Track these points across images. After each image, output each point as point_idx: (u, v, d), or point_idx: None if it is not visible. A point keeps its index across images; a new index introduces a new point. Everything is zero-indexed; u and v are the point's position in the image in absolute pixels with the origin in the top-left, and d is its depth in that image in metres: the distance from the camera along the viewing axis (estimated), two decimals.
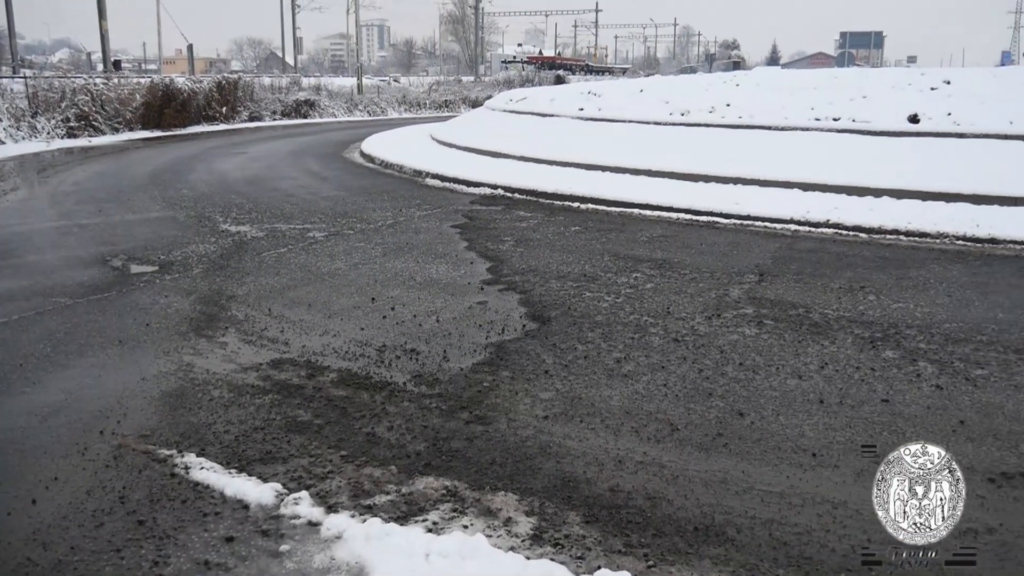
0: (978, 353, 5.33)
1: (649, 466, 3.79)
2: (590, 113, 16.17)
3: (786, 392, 4.67)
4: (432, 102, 39.59)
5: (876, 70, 20.95)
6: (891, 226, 9.34)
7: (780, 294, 6.76)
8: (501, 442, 4.01)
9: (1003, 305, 6.47)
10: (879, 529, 3.25)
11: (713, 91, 15.84)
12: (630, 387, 4.73)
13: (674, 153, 12.99)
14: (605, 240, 8.96)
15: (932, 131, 11.91)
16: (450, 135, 18.49)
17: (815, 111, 13.30)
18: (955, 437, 4.10)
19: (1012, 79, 14.22)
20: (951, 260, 8.07)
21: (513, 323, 5.91)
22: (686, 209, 10.59)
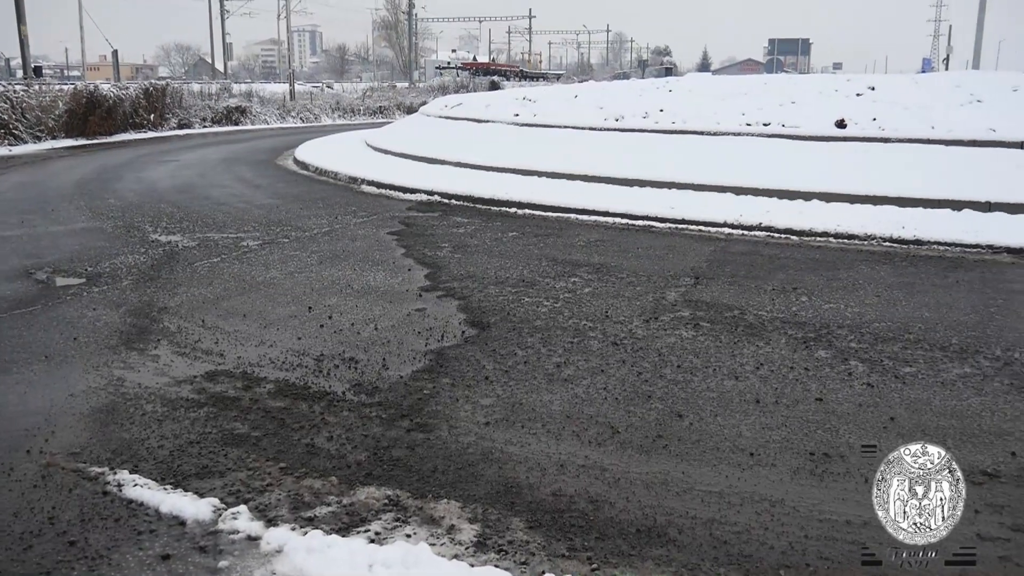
0: (906, 351, 5.49)
1: (591, 469, 3.81)
2: (526, 119, 16.24)
3: (723, 393, 4.74)
4: (366, 108, 39.31)
5: (804, 76, 21.47)
6: (821, 228, 9.56)
7: (716, 296, 6.86)
8: (443, 449, 4.00)
9: (928, 304, 6.67)
10: (816, 526, 3.34)
11: (647, 97, 16.04)
12: (570, 391, 4.75)
13: (610, 158, 13.11)
14: (543, 245, 9.00)
15: (859, 136, 12.24)
16: (385, 141, 18.39)
17: (746, 116, 13.56)
18: (886, 433, 4.21)
19: (932, 85, 14.70)
20: (879, 261, 8.30)
21: (452, 329, 5.90)
22: (622, 213, 10.70)
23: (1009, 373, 5.09)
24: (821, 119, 12.91)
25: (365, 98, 42.02)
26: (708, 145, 13.00)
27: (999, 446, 4.07)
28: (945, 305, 6.65)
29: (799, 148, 12.31)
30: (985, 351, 5.50)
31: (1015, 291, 7.12)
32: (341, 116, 37.49)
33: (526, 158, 13.84)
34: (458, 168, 14.44)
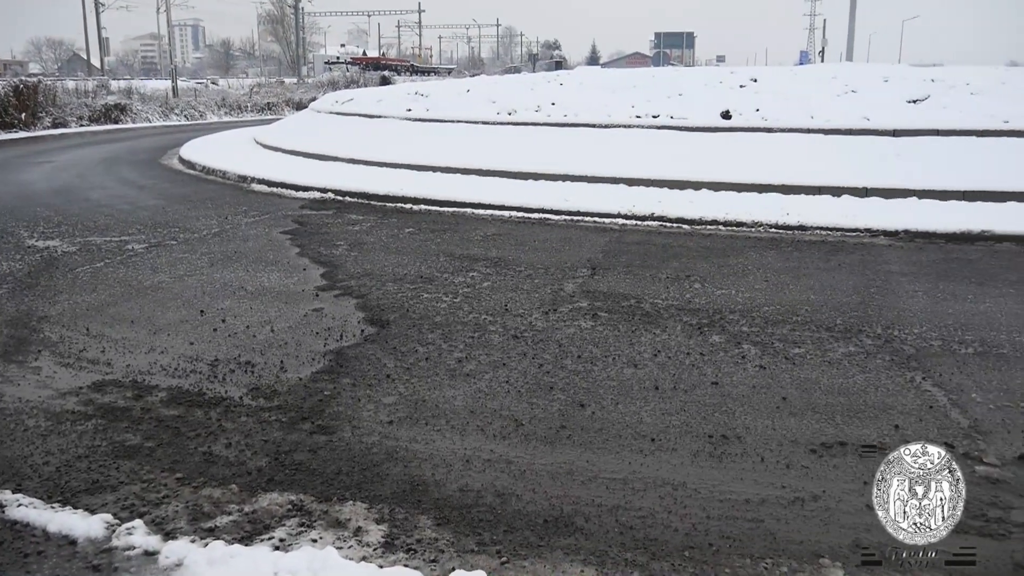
0: (795, 333, 5.70)
1: (497, 463, 3.82)
2: (418, 114, 16.14)
3: (623, 381, 4.82)
4: (254, 105, 38.32)
5: (690, 69, 22.01)
6: (711, 217, 9.84)
7: (612, 286, 6.97)
8: (346, 451, 3.94)
9: (814, 287, 6.94)
10: (717, 506, 3.43)
11: (539, 90, 16.16)
12: (473, 386, 4.75)
13: (504, 152, 13.16)
14: (440, 240, 8.97)
15: (743, 126, 12.64)
16: (275, 138, 17.99)
17: (636, 109, 13.82)
18: (779, 413, 4.36)
19: (810, 77, 15.29)
20: (766, 247, 8.59)
21: (351, 328, 5.82)
22: (518, 207, 10.75)
23: (890, 350, 5.34)
24: (708, 110, 13.27)
25: (253, 94, 40.96)
26: (600, 137, 13.19)
27: (883, 420, 4.27)
28: (829, 287, 6.93)
29: (688, 139, 12.62)
30: (867, 330, 5.76)
31: (892, 272, 7.48)
32: (228, 113, 36.45)
33: (420, 153, 13.76)
34: (351, 165, 14.25)
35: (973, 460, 3.84)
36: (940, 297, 6.63)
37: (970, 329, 5.78)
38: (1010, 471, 3.73)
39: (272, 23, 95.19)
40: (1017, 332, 5.70)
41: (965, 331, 5.73)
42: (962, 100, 12.75)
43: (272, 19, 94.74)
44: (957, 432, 4.13)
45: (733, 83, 14.76)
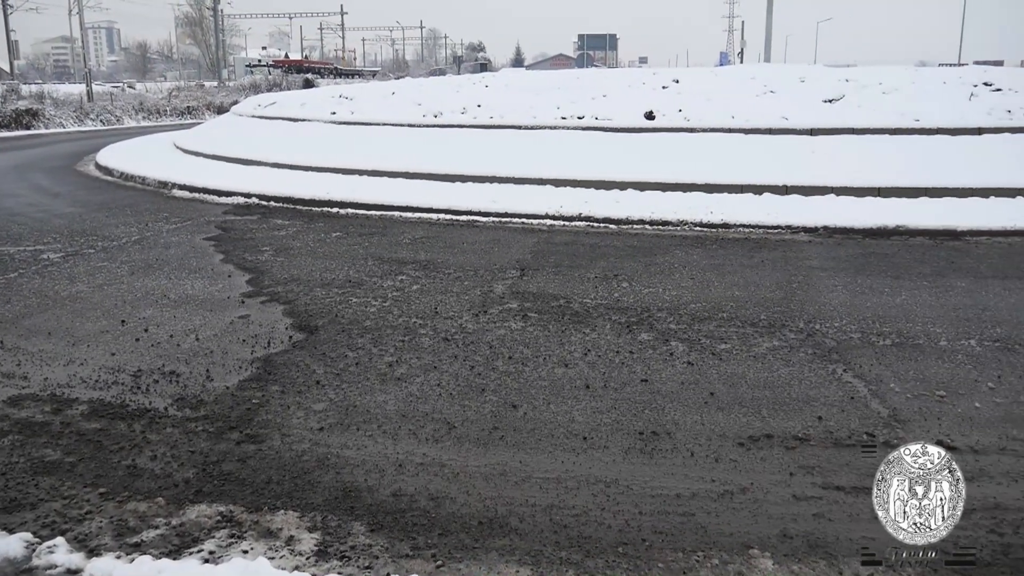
0: (721, 329, 5.81)
1: (430, 467, 3.80)
2: (343, 117, 15.97)
3: (554, 381, 4.85)
4: (173, 109, 37.41)
5: (614, 71, 22.26)
6: (637, 216, 9.96)
7: (542, 287, 7.01)
8: (276, 459, 3.87)
9: (738, 284, 7.09)
10: (649, 501, 3.48)
11: (464, 92, 16.15)
12: (404, 390, 4.72)
13: (431, 155, 13.12)
14: (368, 244, 8.89)
15: (667, 127, 12.83)
16: (196, 143, 17.59)
17: (561, 110, 13.92)
18: (707, 408, 4.44)
19: (730, 77, 15.61)
20: (691, 245, 8.73)
21: (279, 335, 5.73)
22: (446, 209, 10.73)
23: (812, 344, 5.48)
24: (632, 111, 13.44)
25: (172, 98, 40.00)
26: (526, 139, 13.25)
27: (807, 412, 4.38)
28: (753, 284, 7.08)
29: (613, 140, 12.76)
30: (790, 324, 5.91)
31: (813, 267, 7.68)
32: (146, 118, 35.50)
33: (346, 157, 13.62)
34: (276, 169, 14.02)
35: (892, 448, 3.95)
36: (858, 291, 6.83)
37: (887, 321, 5.97)
38: None
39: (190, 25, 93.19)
40: (931, 323, 5.91)
41: (883, 323, 5.92)
42: (875, 99, 13.17)
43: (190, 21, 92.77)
44: (877, 421, 4.26)
45: (656, 84, 14.98)
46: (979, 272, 7.42)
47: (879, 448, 3.93)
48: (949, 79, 14.58)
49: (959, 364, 5.09)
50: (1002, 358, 5.19)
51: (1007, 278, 7.19)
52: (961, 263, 7.79)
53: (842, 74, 15.34)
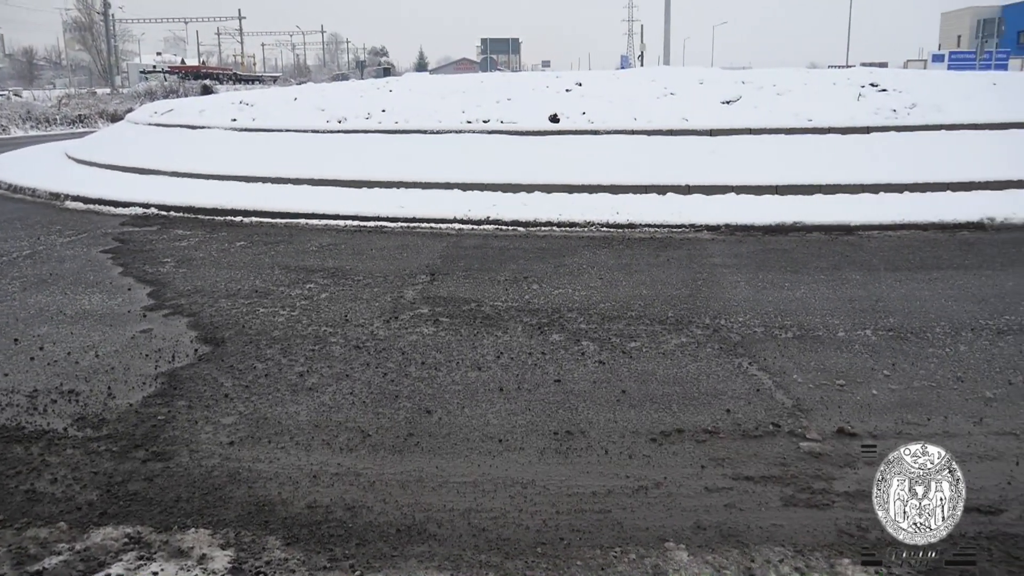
0: (630, 328, 5.91)
1: (345, 476, 3.75)
2: (244, 123, 15.64)
3: (468, 385, 4.85)
4: (64, 117, 35.93)
5: (518, 74, 22.42)
6: (544, 219, 10.04)
7: (452, 291, 7.00)
8: (185, 476, 3.76)
9: (646, 282, 7.22)
10: (566, 501, 3.51)
11: (368, 97, 16.01)
12: (316, 400, 4.65)
13: (336, 161, 12.96)
14: (274, 253, 8.73)
15: (571, 129, 12.99)
16: (90, 153, 16.96)
17: (466, 114, 13.93)
18: (620, 406, 4.51)
19: (632, 80, 15.89)
20: (599, 246, 8.86)
21: (184, 348, 5.57)
22: (353, 216, 10.61)
23: (718, 339, 5.63)
24: (536, 114, 13.55)
25: (62, 106, 38.39)
26: (432, 143, 13.22)
27: (716, 405, 4.50)
28: (660, 282, 7.22)
29: (519, 143, 12.84)
30: (697, 321, 6.05)
31: (716, 265, 7.88)
32: (35, 127, 34.00)
33: (248, 164, 13.34)
34: (175, 178, 13.63)
35: (797, 437, 4.10)
36: (760, 286, 7.04)
37: (789, 315, 6.17)
38: (830, 445, 4.02)
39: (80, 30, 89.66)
40: (830, 315, 6.13)
41: (784, 317, 6.12)
42: (770, 100, 13.61)
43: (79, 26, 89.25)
44: (782, 412, 4.40)
45: (559, 87, 15.14)
46: (872, 265, 7.74)
47: (784, 438, 4.07)
48: (838, 80, 15.18)
49: (856, 354, 5.30)
50: (895, 346, 5.43)
51: (898, 270, 7.52)
52: (855, 257, 8.11)
53: (738, 76, 15.81)
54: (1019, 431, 4.16)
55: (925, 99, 13.31)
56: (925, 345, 5.45)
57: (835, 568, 3.03)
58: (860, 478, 3.69)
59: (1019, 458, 3.87)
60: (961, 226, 9.35)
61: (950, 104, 13.12)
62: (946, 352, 5.31)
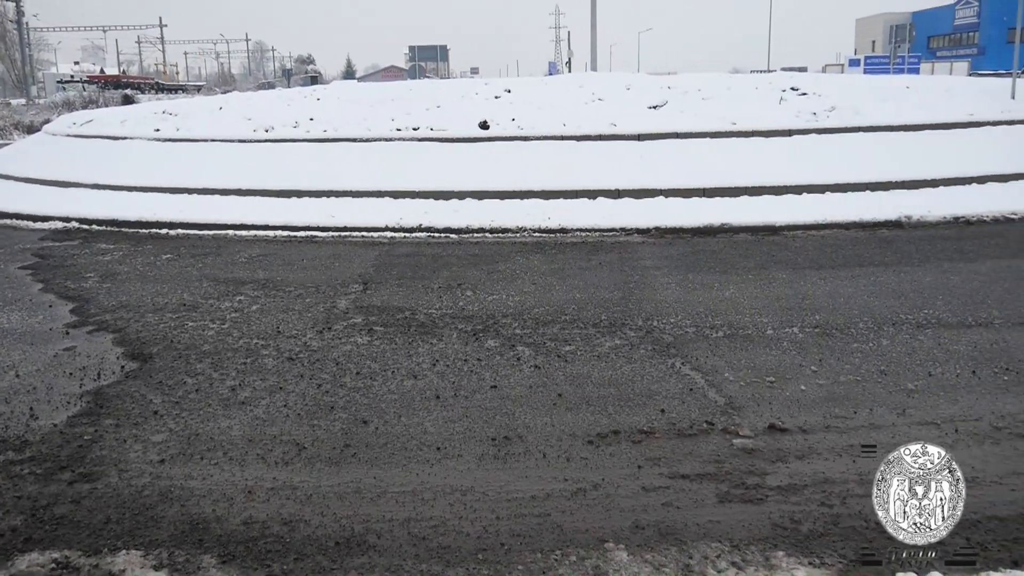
0: (564, 331, 5.95)
1: (281, 490, 3.70)
2: (168, 134, 15.30)
3: (404, 393, 4.83)
4: None
5: (447, 81, 22.41)
6: (477, 225, 10.05)
7: (386, 300, 6.96)
8: (115, 497, 3.66)
9: (579, 286, 7.28)
10: (505, 506, 3.52)
11: (296, 106, 15.82)
12: (250, 413, 4.57)
13: (264, 170, 12.76)
14: (202, 265, 8.55)
15: (501, 135, 13.02)
16: (4, 166, 16.38)
17: (396, 121, 13.86)
18: (556, 409, 4.54)
19: (560, 86, 16.03)
20: (532, 251, 8.90)
21: (110, 365, 5.42)
22: (283, 226, 10.47)
23: (651, 340, 5.70)
24: (466, 121, 13.55)
25: None
26: (362, 151, 13.11)
27: (651, 406, 4.56)
28: (592, 285, 7.29)
29: (449, 150, 12.82)
30: (630, 323, 6.12)
31: (648, 267, 7.98)
32: None
33: (174, 175, 13.05)
34: (97, 190, 13.25)
35: (731, 434, 4.18)
36: (691, 287, 7.16)
37: (719, 314, 6.29)
38: (762, 440, 4.10)
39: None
40: (758, 314, 6.27)
41: (715, 317, 6.23)
42: (695, 105, 13.87)
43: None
44: (715, 410, 4.48)
45: (489, 94, 15.18)
46: (797, 264, 7.94)
47: (718, 435, 4.14)
48: (760, 85, 15.56)
49: (785, 351, 5.43)
50: (822, 343, 5.57)
51: (822, 268, 7.72)
52: (781, 256, 8.31)
53: (665, 81, 16.08)
54: (940, 421, 4.31)
55: (843, 102, 13.72)
56: (849, 340, 5.60)
57: (770, 561, 3.10)
58: (792, 472, 3.78)
59: (941, 447, 4.00)
60: (880, 224, 9.65)
61: (867, 107, 13.55)
62: (869, 347, 5.47)
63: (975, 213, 9.96)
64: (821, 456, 3.94)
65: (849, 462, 3.87)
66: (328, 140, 13.67)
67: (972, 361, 5.18)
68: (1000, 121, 13.34)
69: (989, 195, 10.79)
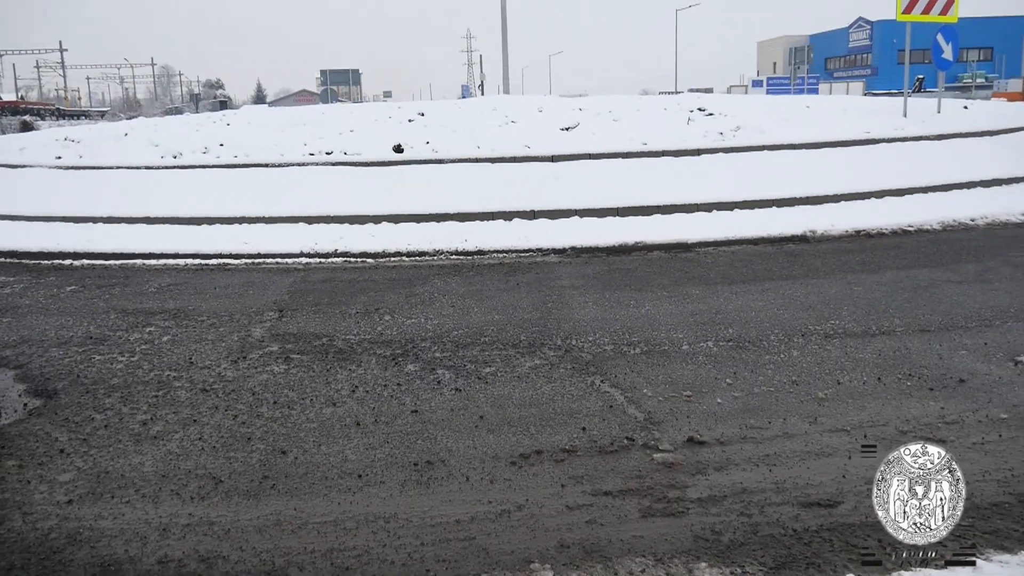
0: (484, 353, 5.95)
1: (197, 527, 3.59)
2: (71, 161, 14.80)
3: (324, 422, 4.75)
4: None
5: (360, 105, 22.30)
6: (393, 249, 10.00)
7: (302, 327, 6.85)
8: (19, 542, 3.50)
9: (497, 308, 7.29)
10: (430, 531, 3.49)
11: (205, 131, 15.52)
12: (163, 448, 4.43)
13: (173, 197, 12.44)
14: (109, 296, 8.28)
15: (415, 159, 13.01)
16: None
17: (308, 146, 13.72)
18: (478, 432, 4.53)
19: (473, 109, 16.11)
20: (449, 274, 8.88)
21: (11, 403, 5.19)
22: (194, 254, 10.22)
23: (570, 359, 5.75)
24: (380, 145, 13.51)
25: None
26: (274, 177, 12.92)
27: (572, 424, 4.59)
28: (511, 306, 7.32)
29: (364, 174, 12.75)
30: (549, 343, 6.16)
31: (564, 287, 8.06)
32: None
33: (77, 204, 12.61)
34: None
35: (651, 449, 4.24)
36: (608, 305, 7.25)
37: (636, 331, 6.38)
38: (682, 454, 4.17)
39: None
40: (674, 330, 6.38)
41: (632, 334, 6.32)
42: (607, 126, 14.12)
43: None
44: (635, 426, 4.54)
45: (402, 118, 15.17)
46: (709, 279, 8.12)
47: (639, 451, 4.19)
48: (669, 106, 15.94)
49: (701, 365, 5.54)
50: (735, 356, 5.71)
51: (733, 283, 7.92)
52: (694, 272, 8.49)
53: (576, 103, 16.33)
54: (849, 427, 4.46)
55: (748, 122, 14.16)
56: (762, 353, 5.76)
57: (693, 573, 3.15)
58: (711, 484, 3.85)
59: (851, 452, 4.14)
60: (787, 239, 9.96)
61: (771, 126, 14.02)
62: (781, 358, 5.63)
63: (875, 226, 10.39)
64: (739, 467, 4.03)
65: (766, 471, 3.96)
66: (239, 166, 13.44)
67: (877, 368, 5.37)
68: (894, 138, 13.97)
69: (887, 209, 11.27)
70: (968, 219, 10.79)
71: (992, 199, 11.83)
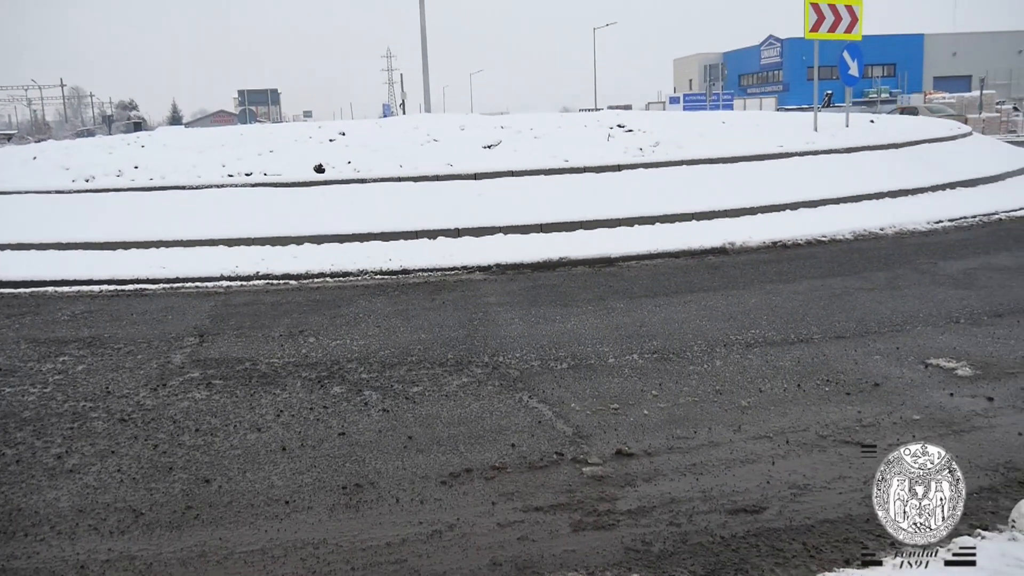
0: (412, 373, 5.91)
1: (117, 562, 3.47)
2: None
3: (248, 448, 4.65)
4: None
5: (279, 125, 22.06)
6: (317, 270, 9.87)
7: (224, 351, 6.70)
8: None
9: (423, 327, 7.26)
10: (361, 555, 3.44)
11: (118, 153, 15.11)
12: (79, 482, 4.28)
13: (85, 222, 12.06)
14: (18, 326, 7.97)
15: (337, 179, 12.89)
16: None
17: (227, 168, 13.47)
18: (407, 452, 4.49)
19: (395, 128, 16.08)
20: (374, 294, 8.81)
21: None
22: (108, 280, 9.92)
23: (498, 376, 5.75)
24: (301, 165, 13.35)
25: None
26: (192, 199, 12.64)
27: (501, 441, 4.59)
28: (437, 325, 7.29)
29: (284, 195, 12.57)
30: (476, 360, 6.15)
31: (491, 304, 8.07)
32: None
33: None
34: None
35: (580, 463, 4.26)
36: (534, 321, 7.28)
37: (562, 346, 6.42)
38: (611, 467, 4.21)
39: None
40: (599, 344, 6.45)
41: (558, 349, 6.36)
42: (529, 144, 14.23)
43: None
44: (564, 440, 4.56)
45: (323, 137, 15.03)
46: (633, 293, 8.23)
47: (568, 465, 4.21)
48: (589, 123, 16.17)
49: (627, 377, 5.60)
50: (660, 367, 5.79)
51: (656, 296, 8.04)
52: (617, 286, 8.60)
53: (498, 121, 16.44)
54: (772, 434, 4.56)
55: (667, 138, 14.44)
56: (686, 363, 5.85)
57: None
58: (640, 495, 3.89)
59: (774, 458, 4.24)
60: (707, 252, 10.17)
61: (688, 141, 14.32)
62: (704, 368, 5.73)
63: (791, 237, 10.69)
64: (667, 477, 4.08)
65: (693, 480, 4.03)
66: (155, 188, 13.11)
67: (797, 375, 5.52)
68: (806, 152, 14.41)
69: (802, 220, 11.61)
70: (878, 228, 11.19)
71: (899, 209, 12.33)
